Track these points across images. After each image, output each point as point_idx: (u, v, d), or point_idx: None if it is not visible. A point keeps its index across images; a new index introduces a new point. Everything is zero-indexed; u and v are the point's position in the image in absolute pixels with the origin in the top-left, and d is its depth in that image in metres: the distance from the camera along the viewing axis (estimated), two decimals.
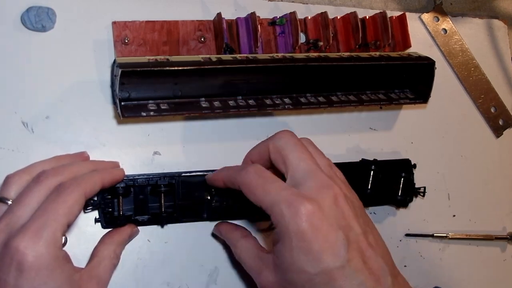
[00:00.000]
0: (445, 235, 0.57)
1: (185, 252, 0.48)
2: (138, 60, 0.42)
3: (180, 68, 0.42)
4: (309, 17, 0.53)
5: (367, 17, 0.54)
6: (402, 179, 0.52)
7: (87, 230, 0.45)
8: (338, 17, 0.54)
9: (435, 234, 0.56)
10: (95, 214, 0.44)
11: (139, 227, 0.46)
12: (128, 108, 0.43)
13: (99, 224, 0.45)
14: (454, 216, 0.58)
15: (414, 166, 0.54)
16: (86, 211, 0.44)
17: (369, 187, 0.51)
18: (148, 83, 0.44)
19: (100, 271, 0.40)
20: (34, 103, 0.45)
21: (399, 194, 0.52)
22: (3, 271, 0.33)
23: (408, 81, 0.53)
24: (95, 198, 0.43)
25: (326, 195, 0.36)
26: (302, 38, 0.52)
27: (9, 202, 0.37)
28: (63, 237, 0.36)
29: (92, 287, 0.38)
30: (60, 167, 0.40)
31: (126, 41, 0.47)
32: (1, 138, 0.44)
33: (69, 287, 0.35)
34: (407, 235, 0.56)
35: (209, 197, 0.47)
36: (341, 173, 0.42)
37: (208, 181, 0.45)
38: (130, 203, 0.45)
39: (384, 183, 0.52)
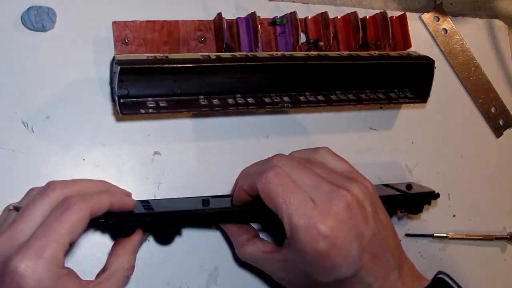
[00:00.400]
0: (445, 235, 0.56)
1: (185, 252, 0.47)
2: (137, 57, 0.42)
3: (179, 65, 0.42)
4: (310, 17, 0.53)
5: (368, 17, 0.54)
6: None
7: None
8: (339, 17, 0.54)
9: (435, 234, 0.56)
10: None
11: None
12: (127, 105, 0.43)
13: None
14: (454, 216, 0.58)
15: (438, 195, 0.51)
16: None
17: None
18: (147, 81, 0.44)
19: (110, 284, 0.38)
20: (34, 103, 0.45)
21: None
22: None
23: (408, 81, 0.53)
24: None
25: (339, 205, 0.37)
26: (302, 38, 0.52)
27: None
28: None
29: None
30: (69, 180, 0.39)
31: (127, 41, 0.47)
32: (1, 138, 0.44)
33: None
34: (407, 235, 0.56)
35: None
36: (346, 164, 0.42)
37: (235, 202, 0.44)
38: None
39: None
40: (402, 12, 0.55)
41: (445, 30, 0.60)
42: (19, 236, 0.34)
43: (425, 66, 0.51)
